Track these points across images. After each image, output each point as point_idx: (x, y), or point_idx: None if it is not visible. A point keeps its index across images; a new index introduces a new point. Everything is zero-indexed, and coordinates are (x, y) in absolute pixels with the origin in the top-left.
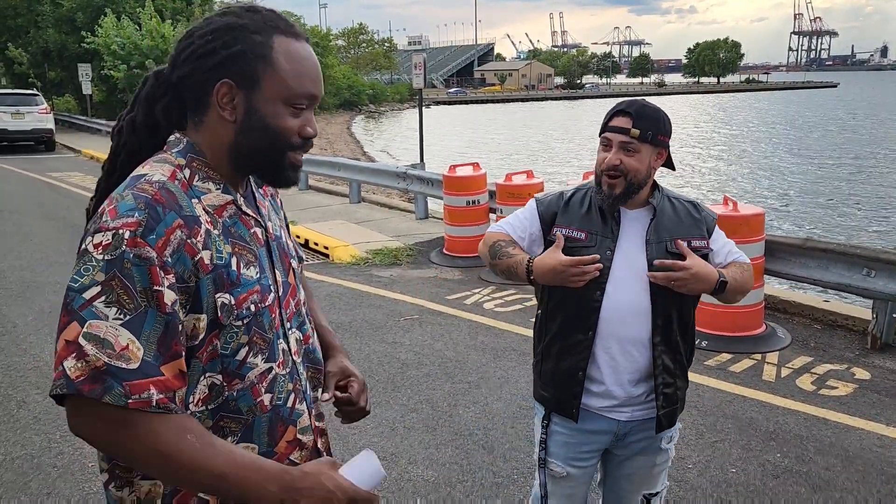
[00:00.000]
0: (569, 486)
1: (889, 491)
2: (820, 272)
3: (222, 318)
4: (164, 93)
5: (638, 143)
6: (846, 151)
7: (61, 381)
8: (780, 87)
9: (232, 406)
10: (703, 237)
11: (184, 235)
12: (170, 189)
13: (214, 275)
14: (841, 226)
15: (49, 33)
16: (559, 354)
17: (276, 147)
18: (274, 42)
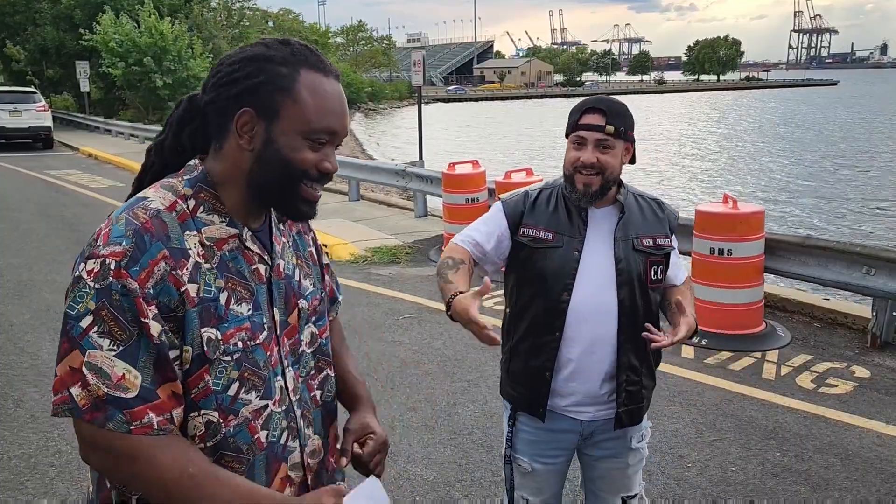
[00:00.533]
0: (535, 481)
1: (889, 490)
2: (819, 270)
3: (208, 353)
4: (193, 118)
5: (612, 139)
6: (841, 151)
7: (69, 406)
8: (780, 85)
9: (231, 444)
10: (667, 235)
11: (168, 267)
12: (163, 219)
13: (200, 308)
14: (824, 227)
15: (47, 31)
16: (527, 354)
17: (290, 178)
18: (300, 75)
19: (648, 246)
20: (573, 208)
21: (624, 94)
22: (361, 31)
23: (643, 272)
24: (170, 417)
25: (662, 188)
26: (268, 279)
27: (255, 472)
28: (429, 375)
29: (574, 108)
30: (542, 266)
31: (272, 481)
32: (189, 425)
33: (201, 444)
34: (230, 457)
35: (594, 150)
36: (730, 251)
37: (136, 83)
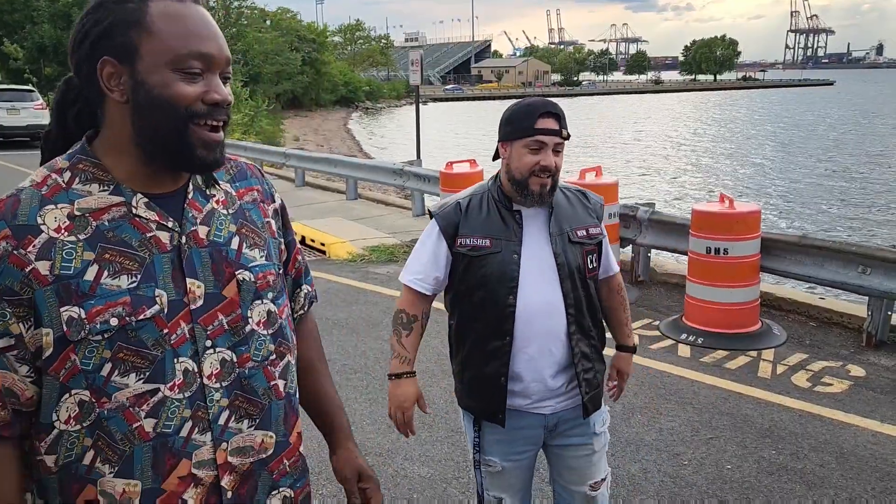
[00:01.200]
0: (507, 479)
1: (884, 488)
2: (815, 269)
3: (69, 334)
4: (75, 100)
5: (564, 142)
6: (836, 152)
7: None
8: (777, 85)
9: (105, 426)
10: (597, 224)
11: (9, 247)
12: (20, 198)
13: (56, 286)
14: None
15: (45, 29)
16: (479, 363)
17: (174, 120)
18: (149, 6)
19: (583, 237)
20: (505, 212)
21: (621, 93)
22: (359, 31)
23: (581, 263)
24: None
25: (654, 190)
26: (175, 247)
27: (133, 468)
28: (426, 374)
29: (522, 112)
30: (483, 273)
31: (165, 479)
32: (62, 408)
33: (77, 426)
34: (104, 442)
35: (553, 155)
36: (726, 250)
37: None
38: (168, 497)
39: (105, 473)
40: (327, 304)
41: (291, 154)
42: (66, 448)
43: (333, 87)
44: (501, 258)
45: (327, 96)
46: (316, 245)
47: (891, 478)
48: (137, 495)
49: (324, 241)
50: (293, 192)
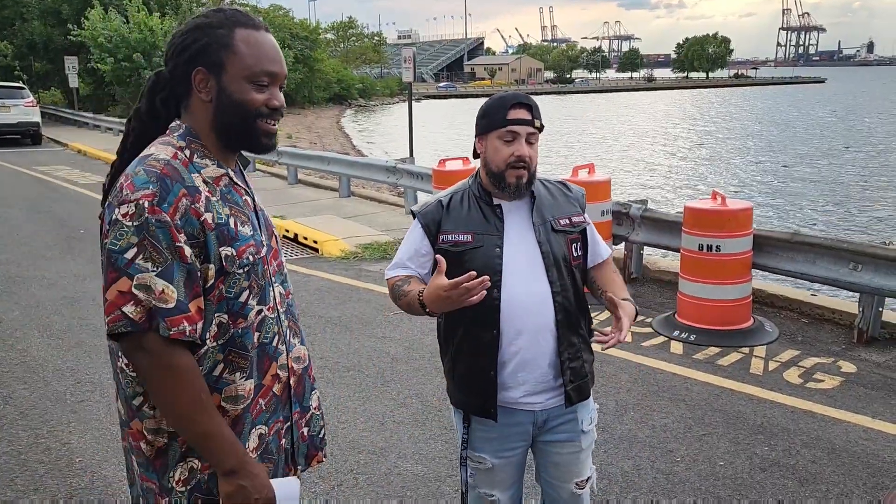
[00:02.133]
0: (498, 475)
1: (875, 483)
2: (807, 266)
3: (227, 267)
4: (163, 87)
5: (537, 133)
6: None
7: (123, 322)
8: (769, 83)
9: (238, 342)
10: (580, 213)
11: (188, 202)
12: (174, 165)
13: (217, 232)
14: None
15: (35, 26)
16: (468, 358)
17: (246, 118)
18: (235, 33)
19: (566, 225)
20: (486, 207)
21: (614, 91)
22: (352, 28)
23: (566, 251)
24: (196, 328)
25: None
26: (254, 207)
27: (253, 368)
28: (419, 371)
29: (495, 105)
30: (467, 269)
31: (265, 375)
32: (210, 328)
33: (214, 343)
34: (236, 354)
35: (527, 145)
36: (718, 247)
37: (126, 79)
38: (265, 390)
39: (236, 380)
40: (320, 302)
41: (284, 151)
42: (206, 361)
43: (326, 85)
44: (483, 252)
45: (320, 94)
46: (308, 243)
47: (882, 473)
48: (253, 391)
49: (316, 238)
50: (286, 190)
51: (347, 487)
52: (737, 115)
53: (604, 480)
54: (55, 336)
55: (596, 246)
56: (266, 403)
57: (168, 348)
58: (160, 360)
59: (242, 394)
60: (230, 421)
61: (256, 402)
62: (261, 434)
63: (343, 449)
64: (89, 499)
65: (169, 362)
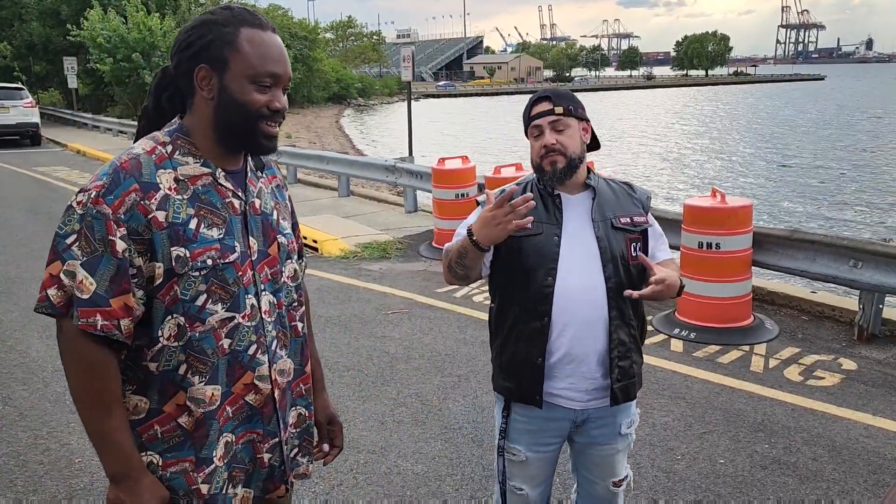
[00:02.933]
0: (529, 470)
1: (876, 481)
2: (807, 263)
3: (176, 268)
4: (168, 85)
5: (564, 118)
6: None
7: (46, 304)
8: (768, 80)
9: (196, 346)
10: (643, 214)
11: (137, 197)
12: (140, 160)
13: (169, 231)
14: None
15: (33, 26)
16: (517, 344)
17: (247, 118)
18: (240, 32)
19: (626, 223)
20: (547, 198)
21: (613, 89)
22: (351, 27)
23: (624, 249)
24: (116, 324)
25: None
26: (242, 212)
27: (217, 374)
28: (419, 370)
29: (526, 107)
30: (524, 255)
31: (234, 383)
32: (165, 328)
33: (174, 343)
34: (194, 357)
35: (551, 133)
36: (718, 245)
37: (125, 79)
38: (234, 398)
39: (195, 383)
40: (320, 302)
41: (283, 151)
42: (166, 359)
43: (325, 84)
44: (542, 240)
45: (319, 93)
46: (308, 242)
47: (883, 471)
48: (219, 397)
49: (316, 238)
50: None
51: (347, 487)
52: (746, 115)
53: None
54: (54, 337)
55: (656, 249)
56: (234, 412)
57: (81, 339)
58: (73, 348)
59: (203, 398)
60: (193, 422)
61: (223, 408)
62: (227, 442)
63: (343, 448)
64: (89, 499)
65: (79, 353)
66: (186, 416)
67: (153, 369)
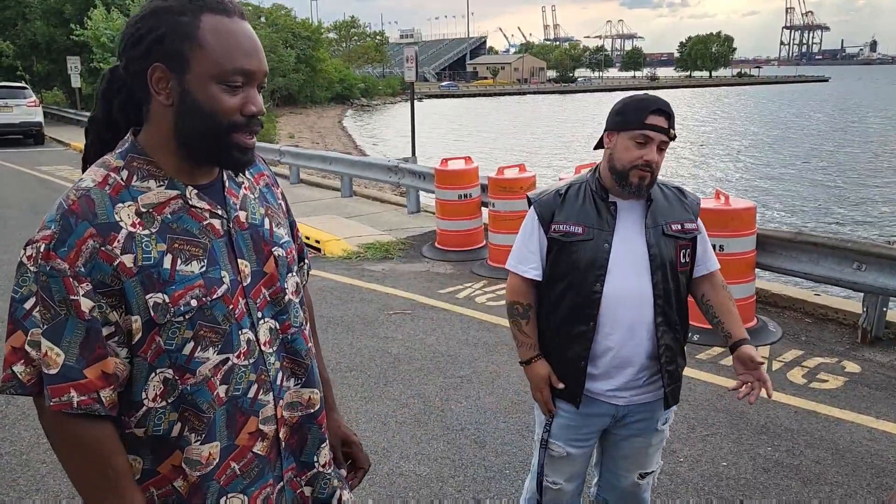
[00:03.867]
0: (568, 464)
1: (879, 484)
2: (811, 266)
3: (156, 318)
4: (119, 89)
5: (669, 142)
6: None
7: (13, 384)
8: (772, 82)
9: (189, 400)
10: (693, 220)
11: (97, 244)
12: (91, 197)
13: (141, 276)
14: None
15: (37, 25)
16: (562, 345)
17: (216, 128)
18: (201, 21)
19: (677, 230)
20: (601, 202)
21: (617, 90)
22: (354, 27)
23: (674, 256)
24: (96, 397)
25: None
26: (226, 232)
27: (214, 429)
28: (421, 371)
29: (634, 105)
30: (574, 259)
31: (237, 435)
32: (149, 388)
33: (163, 403)
34: (190, 412)
35: (657, 152)
36: (722, 247)
37: None
38: (240, 451)
39: (192, 441)
40: (322, 302)
41: (286, 151)
42: (154, 423)
43: (328, 85)
44: (593, 245)
45: (322, 93)
46: (310, 243)
47: (886, 474)
48: (218, 455)
49: (319, 238)
50: (288, 190)
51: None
52: (761, 117)
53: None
54: None
55: (705, 255)
56: (242, 468)
57: (66, 419)
58: (56, 431)
59: (199, 459)
60: (188, 487)
61: (226, 466)
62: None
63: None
64: None
65: (67, 434)
66: (181, 479)
67: (140, 434)
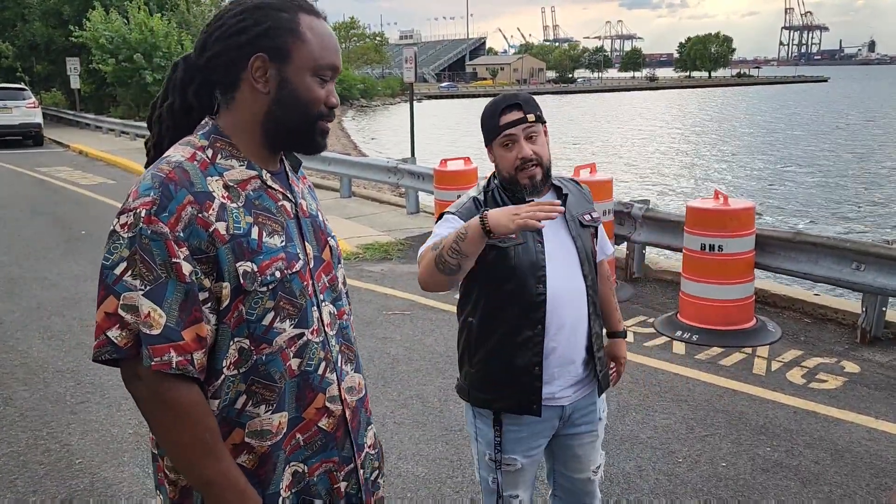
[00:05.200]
0: (523, 476)
1: (878, 484)
2: (810, 266)
3: (245, 285)
4: (193, 77)
5: (536, 126)
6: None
7: (108, 349)
8: (772, 82)
9: (262, 371)
10: (595, 210)
11: (195, 211)
12: (185, 168)
13: (233, 244)
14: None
15: (36, 27)
16: (508, 355)
17: (309, 115)
18: (300, 18)
19: (589, 221)
20: (520, 204)
21: (616, 90)
22: (353, 28)
23: (591, 246)
24: (190, 359)
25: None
26: (295, 215)
27: (284, 399)
28: (420, 372)
29: (488, 113)
30: (513, 264)
31: (305, 409)
32: (228, 356)
33: (234, 371)
34: (260, 384)
35: (527, 144)
36: (720, 247)
37: (127, 79)
38: (306, 424)
39: (260, 413)
40: None
41: None
42: (225, 392)
43: None
44: (527, 247)
45: None
46: None
47: (885, 474)
48: (286, 424)
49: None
50: None
51: None
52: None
53: (605, 482)
54: (56, 337)
55: (604, 242)
56: (307, 440)
57: (164, 380)
58: (156, 393)
59: (269, 429)
60: (256, 459)
61: (292, 436)
62: (296, 472)
63: None
64: (89, 501)
65: (165, 396)
66: (246, 454)
67: (214, 408)
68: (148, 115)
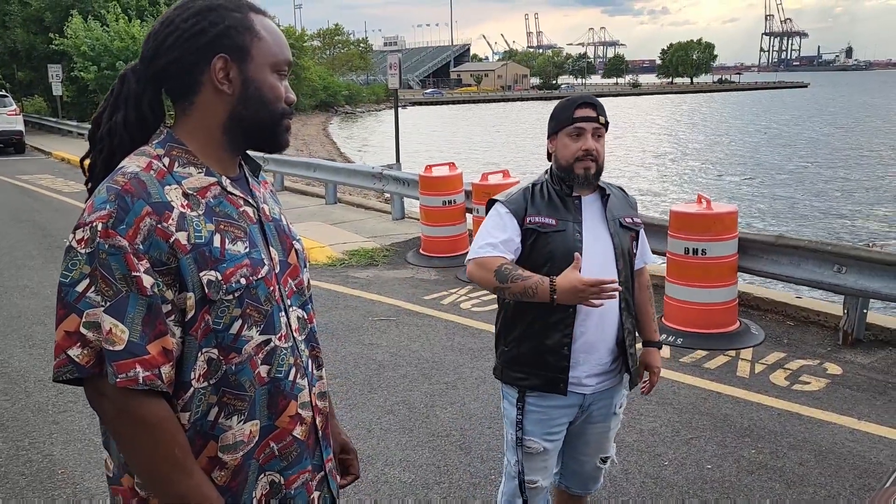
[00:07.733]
0: (542, 460)
1: (861, 484)
2: (791, 269)
3: (210, 294)
4: (145, 88)
5: (603, 129)
6: None
7: (69, 367)
8: (753, 88)
9: (233, 381)
10: (637, 216)
11: (153, 222)
12: (141, 179)
13: (195, 254)
14: None
15: (17, 33)
16: (540, 335)
17: (274, 112)
18: (252, 16)
19: (630, 223)
20: (566, 197)
21: (599, 96)
22: (338, 35)
23: (629, 246)
24: (157, 373)
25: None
26: (258, 220)
27: (255, 407)
28: (406, 378)
29: (562, 106)
30: (550, 249)
31: (278, 417)
32: (196, 367)
33: (204, 384)
34: (231, 394)
35: (593, 140)
36: (704, 251)
37: (109, 87)
38: (280, 433)
39: (232, 426)
40: None
41: (270, 158)
42: (196, 405)
43: (312, 92)
44: (566, 235)
45: (306, 101)
46: None
47: (868, 475)
48: (258, 433)
49: (303, 245)
50: None
51: None
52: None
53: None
54: (37, 346)
55: (645, 249)
56: (281, 449)
57: (131, 396)
58: (122, 410)
59: (242, 438)
60: (229, 474)
61: (266, 445)
62: (273, 482)
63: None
64: None
65: (132, 413)
66: (219, 469)
67: (185, 422)
68: (91, 130)
